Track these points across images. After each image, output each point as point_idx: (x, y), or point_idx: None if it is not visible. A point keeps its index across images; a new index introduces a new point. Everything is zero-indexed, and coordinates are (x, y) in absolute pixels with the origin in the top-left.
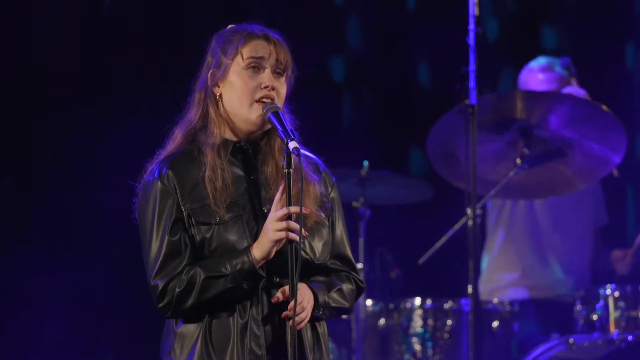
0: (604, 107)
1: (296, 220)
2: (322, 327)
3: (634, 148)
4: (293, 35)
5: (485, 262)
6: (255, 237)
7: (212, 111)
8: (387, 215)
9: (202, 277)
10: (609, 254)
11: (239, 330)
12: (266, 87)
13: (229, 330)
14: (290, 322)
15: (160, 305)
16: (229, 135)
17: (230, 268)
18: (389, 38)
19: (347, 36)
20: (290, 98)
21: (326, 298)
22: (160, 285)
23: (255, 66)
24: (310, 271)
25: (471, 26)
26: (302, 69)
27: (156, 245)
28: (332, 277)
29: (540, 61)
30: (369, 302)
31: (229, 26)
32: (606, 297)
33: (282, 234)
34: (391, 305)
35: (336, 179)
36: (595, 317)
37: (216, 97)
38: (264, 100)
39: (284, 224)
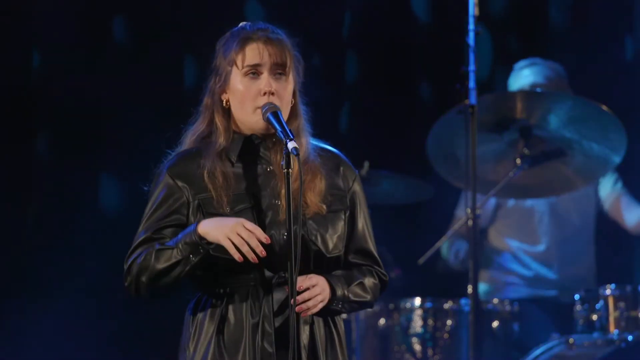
0: (604, 107)
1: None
2: (339, 326)
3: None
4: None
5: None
6: (264, 228)
7: (217, 119)
8: (387, 215)
9: (155, 249)
10: None
11: (251, 328)
12: (265, 93)
13: (242, 329)
14: (298, 307)
15: (126, 283)
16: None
17: (178, 241)
18: (391, 37)
19: (348, 35)
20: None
21: (345, 292)
22: (128, 263)
23: (254, 72)
24: (323, 264)
25: (471, 26)
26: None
27: (143, 228)
28: (353, 271)
29: (523, 61)
30: None
31: (241, 23)
32: (606, 297)
33: (236, 240)
34: (391, 305)
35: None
36: (595, 317)
37: (223, 103)
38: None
39: (246, 234)
